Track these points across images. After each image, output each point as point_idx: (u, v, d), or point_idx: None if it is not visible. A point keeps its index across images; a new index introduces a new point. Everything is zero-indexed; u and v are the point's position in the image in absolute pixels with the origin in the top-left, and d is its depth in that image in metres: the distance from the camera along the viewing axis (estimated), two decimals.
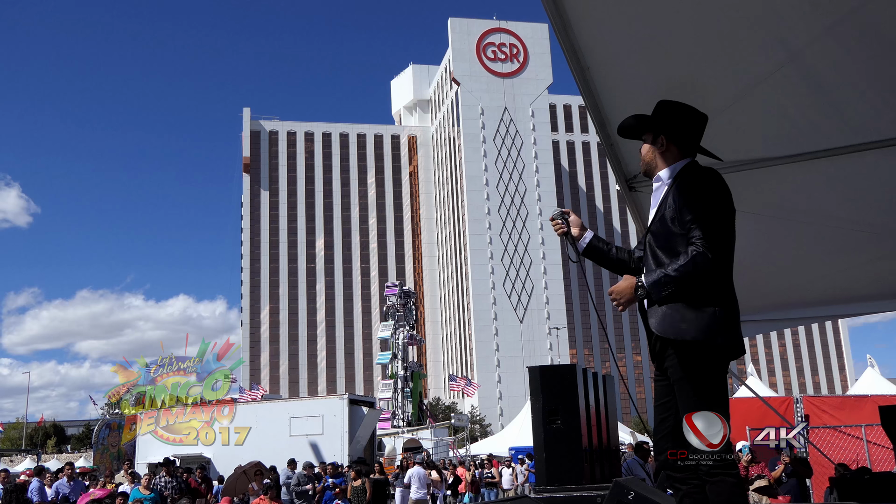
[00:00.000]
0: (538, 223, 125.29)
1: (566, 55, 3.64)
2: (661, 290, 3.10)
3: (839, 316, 7.90)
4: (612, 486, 4.68)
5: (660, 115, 3.39)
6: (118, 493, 14.39)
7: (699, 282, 3.08)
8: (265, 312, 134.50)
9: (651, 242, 3.33)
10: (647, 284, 3.14)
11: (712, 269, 3.07)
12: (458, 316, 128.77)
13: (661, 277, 3.10)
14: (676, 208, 3.18)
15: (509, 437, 37.93)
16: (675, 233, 3.18)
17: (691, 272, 3.05)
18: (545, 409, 6.87)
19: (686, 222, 3.12)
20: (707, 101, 3.93)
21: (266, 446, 24.75)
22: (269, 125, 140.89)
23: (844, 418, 15.13)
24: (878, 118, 3.99)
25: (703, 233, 3.05)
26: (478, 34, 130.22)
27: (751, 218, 5.22)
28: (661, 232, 3.26)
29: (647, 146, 3.45)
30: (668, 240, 3.22)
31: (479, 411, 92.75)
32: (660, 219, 3.28)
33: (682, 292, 3.10)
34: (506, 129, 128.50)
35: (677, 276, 3.07)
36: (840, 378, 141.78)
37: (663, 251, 3.23)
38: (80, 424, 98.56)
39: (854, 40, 3.33)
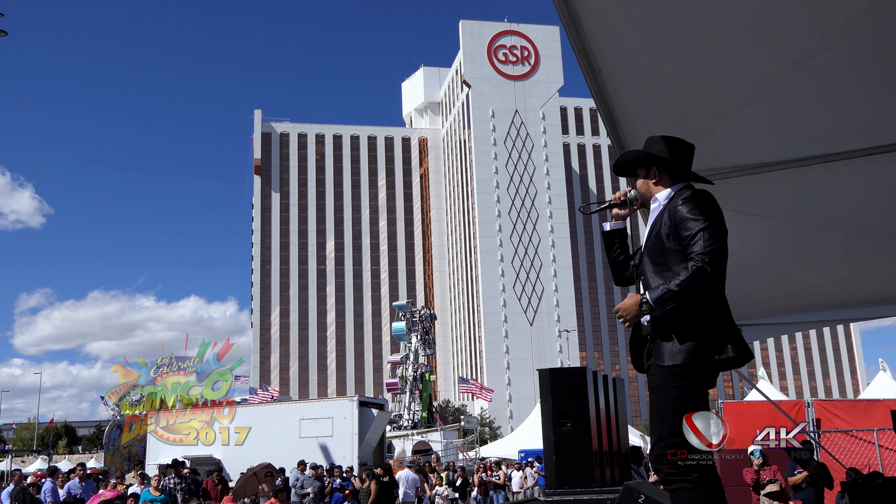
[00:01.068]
0: (549, 226, 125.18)
1: (577, 57, 3.64)
2: (665, 306, 3.24)
3: (851, 319, 7.86)
4: (623, 490, 4.68)
5: (649, 149, 3.62)
6: (129, 494, 14.45)
7: (701, 295, 3.25)
8: (275, 314, 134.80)
9: (646, 258, 3.53)
10: (651, 300, 3.28)
11: (712, 283, 3.24)
12: (468, 318, 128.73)
13: (664, 293, 3.24)
14: (672, 225, 3.38)
15: (519, 439, 37.87)
16: (670, 249, 3.39)
17: (692, 287, 3.20)
18: (555, 412, 6.87)
19: (683, 238, 3.31)
20: (718, 104, 3.93)
21: (276, 448, 24.77)
22: (280, 127, 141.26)
23: (856, 422, 15.05)
24: (891, 121, 3.98)
25: (701, 248, 3.23)
26: (489, 36, 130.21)
27: (762, 222, 5.21)
28: (656, 248, 3.46)
29: (642, 180, 3.68)
30: (663, 255, 3.42)
31: (488, 414, 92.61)
32: (655, 235, 3.48)
33: (679, 312, 3.26)
34: (516, 131, 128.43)
35: (680, 290, 3.21)
36: (852, 382, 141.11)
37: (657, 266, 3.43)
38: (91, 425, 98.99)
39: (866, 42, 3.31)
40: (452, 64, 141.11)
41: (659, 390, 3.34)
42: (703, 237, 3.24)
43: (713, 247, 3.22)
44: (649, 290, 3.34)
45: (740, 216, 5.02)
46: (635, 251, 3.75)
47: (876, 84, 3.67)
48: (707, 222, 3.28)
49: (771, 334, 8.09)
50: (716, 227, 3.28)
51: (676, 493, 3.26)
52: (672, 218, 3.39)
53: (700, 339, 3.27)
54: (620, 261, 3.84)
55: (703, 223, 3.27)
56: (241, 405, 38.72)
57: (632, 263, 3.79)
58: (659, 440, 3.30)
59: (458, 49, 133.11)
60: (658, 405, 3.35)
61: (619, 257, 3.85)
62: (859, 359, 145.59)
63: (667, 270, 3.37)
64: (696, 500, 3.20)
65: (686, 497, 3.22)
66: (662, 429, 3.29)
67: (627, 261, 3.83)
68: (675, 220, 3.37)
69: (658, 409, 3.35)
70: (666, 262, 3.39)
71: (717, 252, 3.22)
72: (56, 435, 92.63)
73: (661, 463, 3.29)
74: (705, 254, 3.20)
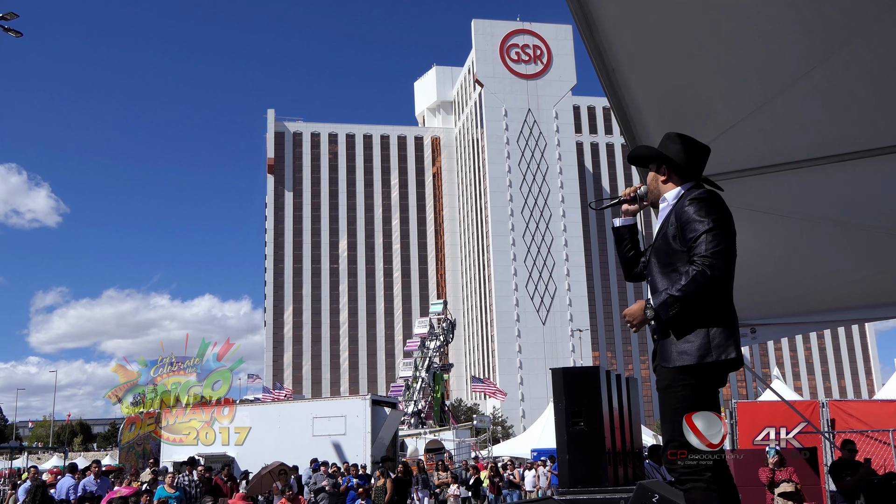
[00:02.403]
0: (561, 225, 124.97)
1: (591, 56, 3.64)
2: (669, 310, 3.26)
3: (866, 319, 7.81)
4: (637, 489, 4.67)
5: (664, 147, 3.62)
6: (143, 490, 14.53)
7: (703, 299, 3.25)
8: (288, 312, 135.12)
9: (653, 258, 3.54)
10: (655, 306, 3.30)
11: (714, 287, 3.24)
12: (480, 317, 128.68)
13: (667, 298, 3.27)
14: (678, 226, 3.39)
15: (531, 438, 37.85)
16: (676, 249, 3.39)
17: (693, 291, 3.22)
18: (568, 411, 6.86)
19: (688, 240, 3.31)
20: (733, 104, 3.92)
21: (289, 446, 24.84)
22: (293, 126, 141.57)
23: (871, 423, 14.94)
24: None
25: (703, 251, 3.24)
26: (501, 35, 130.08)
27: (778, 221, 5.19)
28: (663, 248, 3.47)
29: (652, 174, 3.68)
30: (669, 256, 3.43)
31: (501, 413, 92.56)
32: (662, 235, 3.49)
33: (684, 313, 3.28)
34: (529, 130, 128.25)
35: (682, 295, 3.23)
36: (866, 382, 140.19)
37: (663, 267, 3.45)
38: (106, 423, 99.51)
39: (891, 41, 3.30)
40: (465, 63, 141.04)
41: (668, 390, 3.36)
42: (706, 240, 3.24)
43: (716, 249, 3.23)
44: (654, 294, 3.38)
45: (757, 216, 5.01)
46: (646, 248, 3.75)
47: (891, 86, 3.65)
48: (712, 224, 3.28)
49: (785, 334, 8.04)
50: (721, 229, 3.28)
51: (690, 493, 3.27)
52: (679, 219, 3.39)
53: (706, 339, 3.27)
54: (630, 257, 3.85)
55: (707, 225, 3.27)
56: (253, 403, 38.83)
57: (642, 261, 3.79)
58: (671, 440, 3.31)
59: (471, 48, 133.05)
60: (668, 405, 3.36)
61: (629, 253, 3.86)
62: (874, 359, 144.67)
63: (673, 271, 3.38)
64: (709, 500, 3.21)
65: (700, 496, 3.23)
66: (673, 429, 3.30)
67: (638, 257, 3.83)
68: (681, 220, 3.38)
69: (668, 409, 3.35)
70: (672, 262, 3.40)
71: (720, 255, 3.23)
72: (71, 432, 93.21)
73: (674, 463, 3.30)
74: (707, 256, 3.21)
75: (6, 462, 44.80)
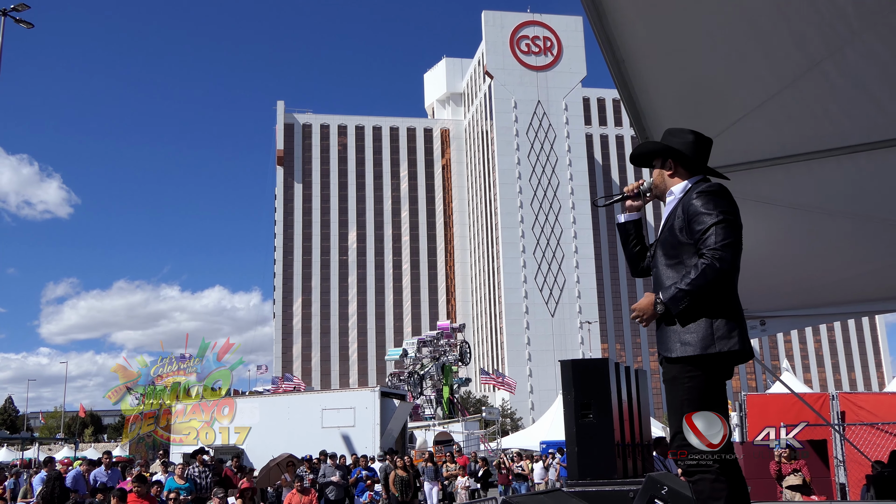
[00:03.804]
0: (571, 217, 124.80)
1: (601, 47, 3.62)
2: (679, 305, 3.27)
3: (876, 312, 7.78)
4: (646, 481, 4.68)
5: (667, 141, 3.62)
6: (153, 482, 14.60)
7: (712, 292, 3.25)
8: (297, 304, 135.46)
9: (659, 251, 3.55)
10: (665, 300, 3.31)
11: (723, 279, 3.24)
12: (489, 309, 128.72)
13: (676, 293, 3.28)
14: (685, 219, 3.39)
15: (540, 431, 37.90)
16: (683, 242, 3.41)
17: (703, 285, 3.23)
18: (577, 403, 6.86)
19: (696, 233, 3.32)
20: (743, 95, 3.89)
21: (298, 438, 24.91)
22: (302, 118, 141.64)
23: (882, 415, 14.88)
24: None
25: (713, 243, 3.25)
26: (511, 27, 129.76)
27: (788, 213, 5.16)
28: (669, 241, 3.48)
29: (657, 170, 3.68)
30: (675, 248, 3.45)
31: (509, 405, 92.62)
32: (668, 228, 3.50)
33: (694, 306, 3.27)
34: (539, 122, 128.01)
35: (691, 289, 3.24)
36: (877, 374, 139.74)
37: (670, 259, 3.46)
38: (117, 414, 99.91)
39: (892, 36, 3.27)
40: (475, 55, 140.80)
41: (674, 382, 3.35)
42: (714, 232, 3.25)
43: (724, 242, 3.23)
44: (662, 289, 3.37)
45: (768, 207, 4.98)
46: (652, 243, 3.75)
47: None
48: (720, 217, 3.28)
49: (795, 326, 8.01)
50: (729, 222, 3.29)
51: (698, 485, 3.26)
52: (686, 211, 3.40)
53: (709, 330, 3.26)
54: (636, 252, 3.85)
55: (715, 217, 3.28)
56: (263, 395, 38.90)
57: (648, 255, 3.79)
58: (678, 432, 3.30)
59: (481, 40, 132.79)
60: (674, 397, 3.36)
61: (634, 248, 3.86)
62: (885, 351, 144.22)
63: (679, 264, 3.39)
64: (717, 492, 3.21)
65: (708, 488, 3.22)
66: (680, 421, 3.29)
67: (643, 252, 3.83)
68: (688, 213, 3.38)
69: (675, 401, 3.35)
70: (678, 255, 3.41)
71: (728, 247, 3.23)
72: (82, 423, 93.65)
73: (686, 454, 3.29)
74: (717, 249, 3.22)
75: (18, 453, 45.10)
